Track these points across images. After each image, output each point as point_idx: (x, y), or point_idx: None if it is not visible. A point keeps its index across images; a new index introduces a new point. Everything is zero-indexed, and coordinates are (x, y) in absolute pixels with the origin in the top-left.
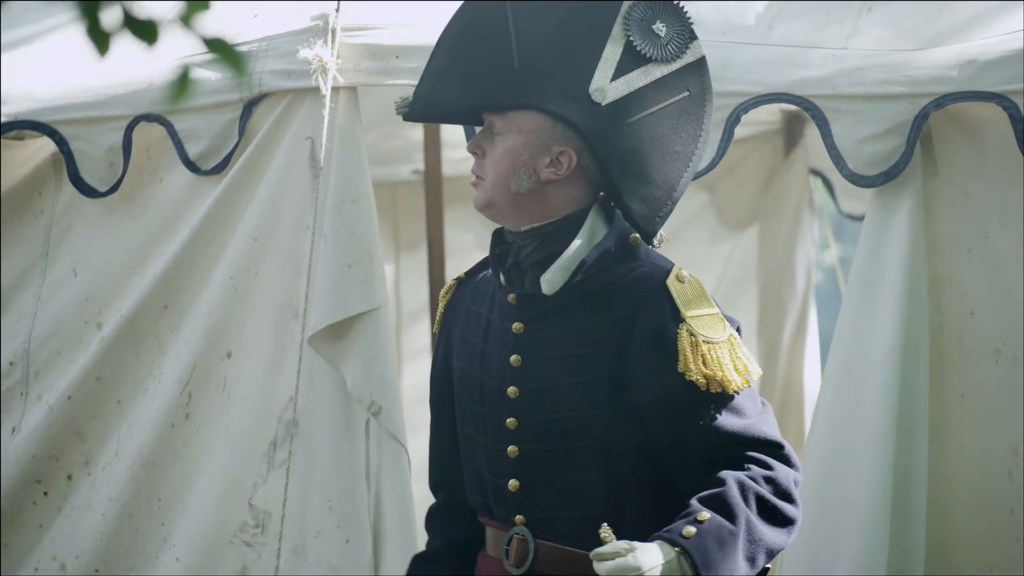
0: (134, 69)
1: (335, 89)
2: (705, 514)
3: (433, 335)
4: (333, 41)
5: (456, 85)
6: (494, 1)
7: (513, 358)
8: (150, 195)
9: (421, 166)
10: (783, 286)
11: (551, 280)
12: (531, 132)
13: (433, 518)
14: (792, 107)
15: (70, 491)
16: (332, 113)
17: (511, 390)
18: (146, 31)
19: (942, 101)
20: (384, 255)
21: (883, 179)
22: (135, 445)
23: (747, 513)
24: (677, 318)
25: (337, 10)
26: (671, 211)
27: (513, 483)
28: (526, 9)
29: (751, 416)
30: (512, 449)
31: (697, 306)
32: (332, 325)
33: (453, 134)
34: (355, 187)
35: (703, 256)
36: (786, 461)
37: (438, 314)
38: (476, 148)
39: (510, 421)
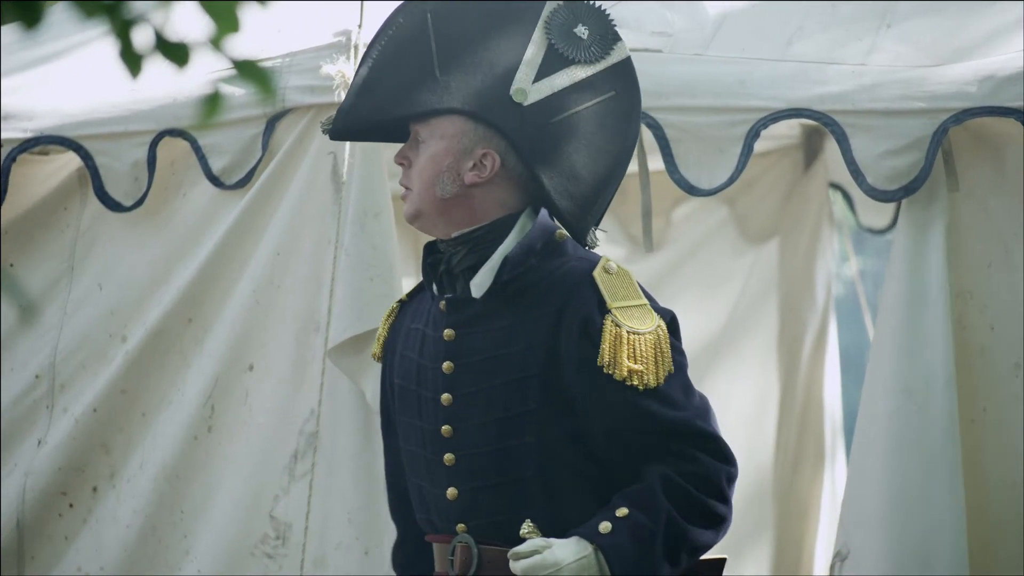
0: (158, 84)
1: None
2: (624, 510)
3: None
4: (356, 57)
5: (378, 98)
6: (416, 13)
7: (445, 365)
8: (174, 209)
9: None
10: (803, 299)
11: (480, 283)
12: (452, 136)
13: (395, 555)
14: (812, 122)
15: (95, 503)
16: None
17: (445, 397)
18: (177, 53)
19: (961, 116)
20: (404, 269)
21: (903, 194)
22: (159, 457)
23: (669, 510)
24: (603, 309)
25: (360, 26)
26: (604, 209)
27: (451, 491)
28: (447, 17)
29: (683, 408)
30: (448, 457)
31: (624, 297)
32: (352, 338)
33: None
34: (376, 201)
35: (724, 269)
36: (720, 456)
37: (380, 338)
38: (403, 159)
39: (445, 429)
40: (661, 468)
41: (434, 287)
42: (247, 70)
